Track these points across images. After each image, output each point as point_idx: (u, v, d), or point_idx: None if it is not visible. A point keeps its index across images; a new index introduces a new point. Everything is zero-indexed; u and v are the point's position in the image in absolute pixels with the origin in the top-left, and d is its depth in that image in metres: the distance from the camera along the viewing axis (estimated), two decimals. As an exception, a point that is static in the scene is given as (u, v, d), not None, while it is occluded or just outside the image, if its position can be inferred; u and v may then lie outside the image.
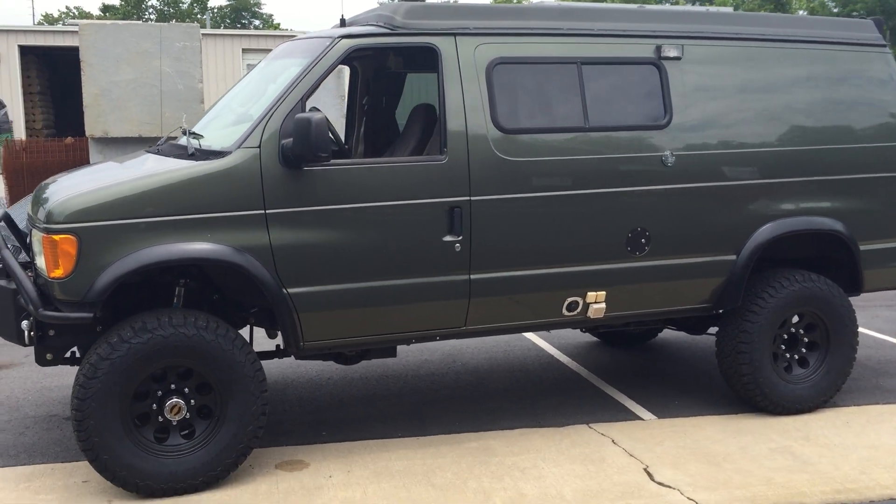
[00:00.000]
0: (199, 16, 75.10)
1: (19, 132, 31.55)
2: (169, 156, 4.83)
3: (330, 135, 4.78)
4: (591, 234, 5.10)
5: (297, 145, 4.37)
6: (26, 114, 33.10)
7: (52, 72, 35.02)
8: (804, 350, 5.76)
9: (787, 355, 5.72)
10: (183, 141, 4.94)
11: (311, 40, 5.04)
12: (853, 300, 5.85)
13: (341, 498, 4.43)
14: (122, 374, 4.27)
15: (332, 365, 6.61)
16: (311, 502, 4.38)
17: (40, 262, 4.37)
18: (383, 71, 6.16)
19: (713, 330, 5.85)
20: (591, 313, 5.21)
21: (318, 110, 5.08)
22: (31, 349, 4.70)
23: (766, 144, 5.45)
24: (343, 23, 5.39)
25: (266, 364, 6.52)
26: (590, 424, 5.49)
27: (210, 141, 4.78)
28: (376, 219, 4.68)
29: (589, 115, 5.08)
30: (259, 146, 4.48)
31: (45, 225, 4.29)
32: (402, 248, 4.74)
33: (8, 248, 4.73)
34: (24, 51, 32.89)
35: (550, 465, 4.86)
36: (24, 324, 4.50)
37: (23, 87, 32.93)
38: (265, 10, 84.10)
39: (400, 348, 6.89)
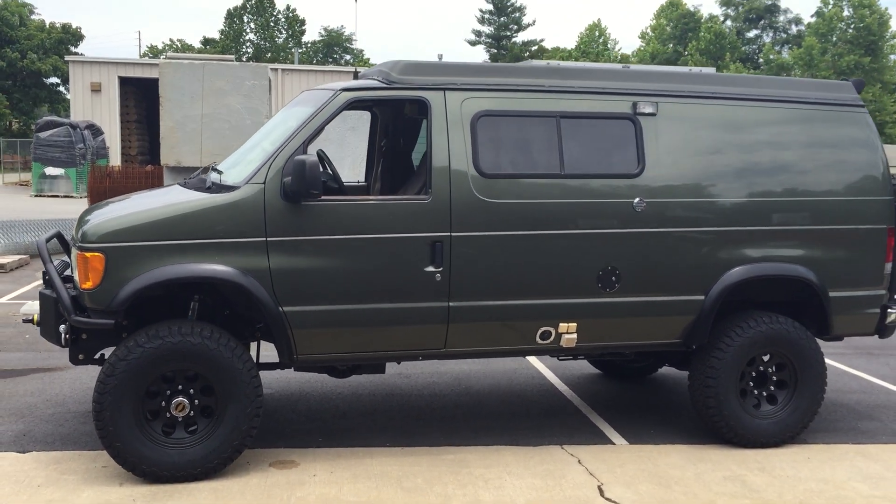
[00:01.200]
0: (292, 50, 77.72)
1: (115, 158, 33.59)
2: (191, 188, 5.59)
3: (323, 174, 5.44)
4: (564, 271, 5.63)
5: (293, 183, 5.06)
6: (122, 141, 35.23)
7: (149, 102, 37.17)
8: (772, 388, 6.12)
9: (756, 392, 6.09)
10: (207, 175, 5.70)
11: (321, 91, 5.76)
12: (867, 347, 6.14)
13: (318, 493, 5.04)
14: (136, 374, 4.99)
15: (345, 383, 7.26)
16: (291, 494, 5.01)
17: (75, 275, 5.16)
18: (399, 116, 6.83)
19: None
20: (563, 342, 5.72)
21: (323, 153, 5.81)
22: (77, 363, 5.46)
23: (734, 195, 5.89)
24: (356, 76, 6.08)
25: (285, 379, 7.25)
26: (563, 446, 5.97)
27: (227, 176, 5.51)
28: (364, 249, 5.32)
29: (565, 163, 5.63)
30: (264, 182, 5.19)
31: (80, 244, 5.08)
32: (388, 276, 5.36)
33: (52, 262, 5.53)
34: (124, 82, 35.12)
35: (514, 478, 5.37)
36: (62, 327, 5.29)
37: (121, 116, 35.11)
38: (356, 45, 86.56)
39: (410, 372, 7.55)
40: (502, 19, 78.98)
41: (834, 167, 6.16)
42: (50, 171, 29.70)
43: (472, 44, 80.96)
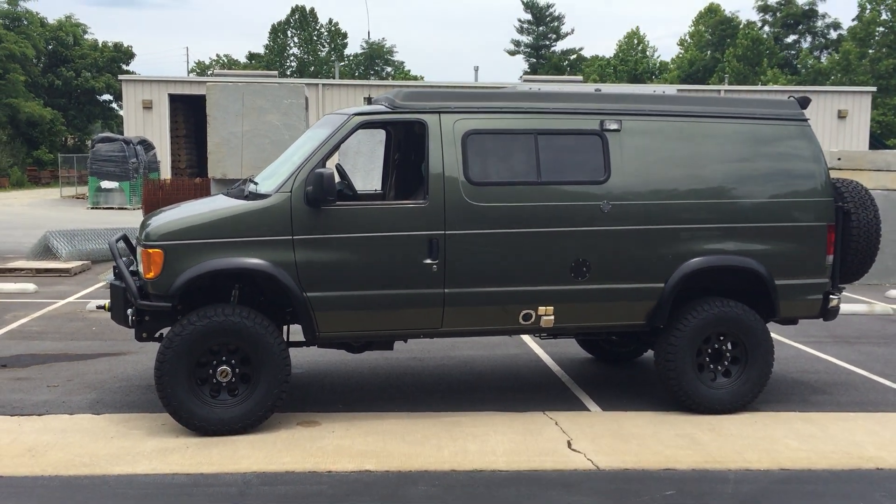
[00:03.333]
0: (335, 63, 79.63)
1: (165, 171, 35.31)
2: (233, 196, 6.79)
3: (339, 184, 6.59)
4: (541, 262, 6.71)
5: (314, 191, 6.23)
6: (172, 155, 37.03)
7: (197, 118, 38.91)
8: (727, 363, 7.12)
9: (712, 366, 7.10)
10: (245, 186, 6.91)
11: (338, 115, 6.93)
12: (844, 336, 7.06)
13: (335, 444, 6.18)
14: (188, 347, 6.19)
15: (363, 364, 8.42)
16: (313, 444, 6.16)
17: (140, 267, 6.39)
18: (408, 134, 7.96)
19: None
20: (542, 323, 6.80)
21: (340, 166, 6.98)
22: (145, 343, 6.69)
23: (689, 197, 6.92)
24: (369, 101, 7.24)
25: (314, 360, 8.42)
26: (545, 412, 7.04)
27: (262, 186, 6.70)
28: (373, 245, 6.46)
29: (542, 172, 6.72)
30: (291, 191, 6.36)
31: (143, 242, 6.31)
32: (392, 267, 6.50)
33: (122, 259, 6.75)
34: (173, 98, 36.92)
35: (498, 434, 6.46)
36: (129, 311, 6.52)
37: (170, 132, 36.90)
38: (397, 57, 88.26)
39: (423, 356, 8.67)
40: (541, 28, 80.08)
41: (779, 173, 7.15)
42: (105, 184, 31.50)
43: (512, 53, 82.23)
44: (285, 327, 7.13)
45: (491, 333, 7.13)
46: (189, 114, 38.39)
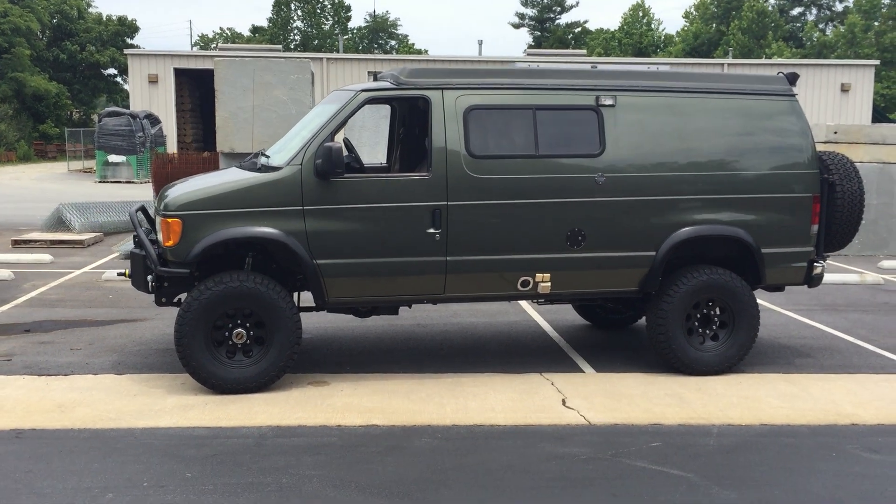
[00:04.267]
0: (338, 36, 79.31)
1: (171, 146, 35.62)
2: (246, 169, 7.15)
3: (347, 157, 6.94)
4: (539, 232, 7.07)
5: (323, 164, 6.59)
6: (178, 129, 37.32)
7: (202, 91, 39.18)
8: (715, 327, 7.51)
9: (701, 330, 7.48)
10: (257, 159, 7.27)
11: (345, 91, 7.27)
12: (834, 304, 7.40)
13: (343, 401, 6.59)
14: (206, 310, 6.58)
15: (370, 329, 8.83)
16: (323, 402, 6.57)
17: (159, 236, 6.77)
18: (413, 109, 8.30)
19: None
20: (539, 290, 7.18)
21: (348, 140, 7.33)
22: (161, 310, 7.09)
23: (680, 170, 7.27)
24: (375, 77, 7.58)
25: (323, 326, 8.82)
26: (542, 373, 7.44)
27: (273, 159, 7.06)
28: (379, 215, 6.82)
29: (539, 145, 7.07)
30: (301, 164, 6.72)
31: (163, 212, 6.68)
32: (398, 236, 6.87)
33: (141, 227, 7.13)
34: (178, 73, 37.14)
35: (497, 393, 6.86)
36: (149, 277, 6.91)
37: (176, 106, 37.15)
38: (401, 30, 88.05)
39: (427, 322, 9.06)
40: (546, 1, 79.74)
41: (767, 146, 7.48)
42: (113, 158, 31.84)
43: (516, 27, 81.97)
44: (296, 294, 7.51)
45: (491, 299, 7.51)
46: (194, 88, 38.63)
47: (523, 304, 10.24)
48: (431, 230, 6.89)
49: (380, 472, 5.30)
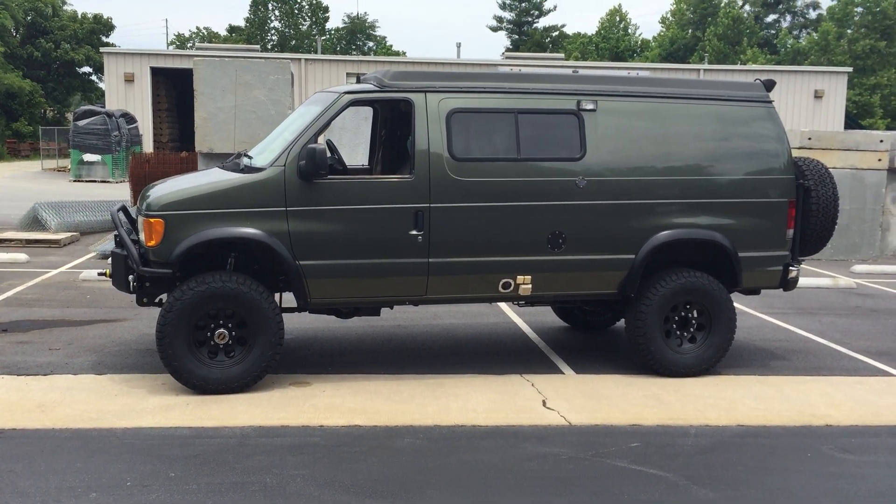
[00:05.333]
0: (316, 37, 78.98)
1: (147, 145, 35.39)
2: (229, 170, 7.16)
3: (330, 159, 6.96)
4: (520, 234, 7.14)
5: (307, 166, 6.61)
6: (155, 128, 37.06)
7: (179, 91, 38.94)
8: (693, 330, 7.61)
9: (678, 332, 7.58)
10: (240, 160, 7.28)
11: (328, 93, 7.30)
12: (807, 308, 7.54)
13: (326, 402, 6.61)
14: (188, 310, 6.58)
15: (350, 330, 8.85)
16: (306, 402, 6.59)
17: (141, 236, 6.76)
18: (395, 112, 8.34)
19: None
20: (520, 291, 7.24)
21: (331, 142, 7.36)
22: (140, 310, 7.07)
23: (659, 174, 7.36)
24: (358, 79, 7.62)
25: (303, 327, 8.83)
26: (522, 374, 7.50)
27: (256, 160, 7.07)
28: (362, 216, 6.85)
29: (521, 149, 7.13)
30: (284, 165, 6.73)
31: (145, 212, 6.67)
32: (380, 238, 6.90)
33: (123, 227, 7.12)
34: (155, 72, 36.89)
35: (478, 394, 6.92)
36: (130, 277, 6.90)
37: (153, 105, 36.90)
38: (379, 32, 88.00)
39: (407, 323, 9.10)
40: (524, 5, 80.00)
41: (744, 151, 7.60)
42: (88, 157, 31.57)
43: (494, 30, 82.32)
44: (277, 294, 7.52)
45: (472, 301, 7.57)
46: (171, 87, 38.38)
47: (502, 305, 10.31)
48: (414, 232, 6.94)
49: (364, 471, 5.34)
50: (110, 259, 7.21)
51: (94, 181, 31.21)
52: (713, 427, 6.31)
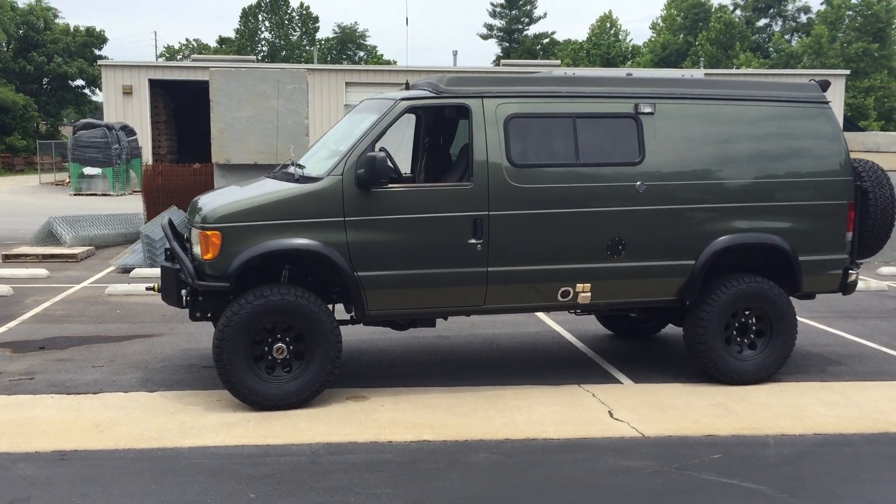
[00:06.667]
0: (307, 48, 78.82)
1: (146, 157, 35.10)
2: (281, 180, 6.98)
3: (390, 166, 6.79)
4: (580, 241, 6.98)
5: (366, 174, 6.44)
6: (153, 140, 36.79)
7: (177, 102, 38.72)
8: (753, 336, 7.46)
9: (739, 339, 7.43)
10: (291, 169, 7.10)
11: (382, 100, 7.14)
12: (847, 311, 7.40)
13: (388, 417, 6.43)
14: (245, 325, 6.39)
15: (394, 343, 8.67)
16: (367, 417, 6.40)
17: (196, 249, 6.57)
18: (440, 118, 8.18)
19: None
20: (580, 300, 7.08)
21: (386, 150, 7.19)
22: (175, 324, 6.86)
23: (719, 178, 7.22)
24: (407, 86, 7.46)
25: (346, 339, 8.65)
26: (580, 385, 7.34)
27: (309, 170, 6.90)
28: (421, 225, 6.68)
29: (580, 154, 6.98)
30: (342, 174, 6.56)
31: (200, 224, 6.48)
32: (439, 247, 6.73)
33: (175, 241, 6.92)
34: (153, 84, 36.64)
35: (541, 406, 6.74)
36: (183, 291, 6.70)
37: (151, 117, 36.64)
38: (369, 41, 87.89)
39: (449, 334, 8.92)
40: (514, 12, 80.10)
41: (803, 153, 7.47)
42: (88, 170, 31.25)
43: (485, 38, 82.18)
44: (329, 306, 7.34)
45: (530, 310, 7.41)
46: (169, 99, 38.14)
47: (540, 314, 10.14)
48: (473, 240, 6.77)
49: (447, 488, 5.16)
50: (160, 273, 7.01)
51: (95, 194, 30.89)
52: (790, 436, 6.15)
